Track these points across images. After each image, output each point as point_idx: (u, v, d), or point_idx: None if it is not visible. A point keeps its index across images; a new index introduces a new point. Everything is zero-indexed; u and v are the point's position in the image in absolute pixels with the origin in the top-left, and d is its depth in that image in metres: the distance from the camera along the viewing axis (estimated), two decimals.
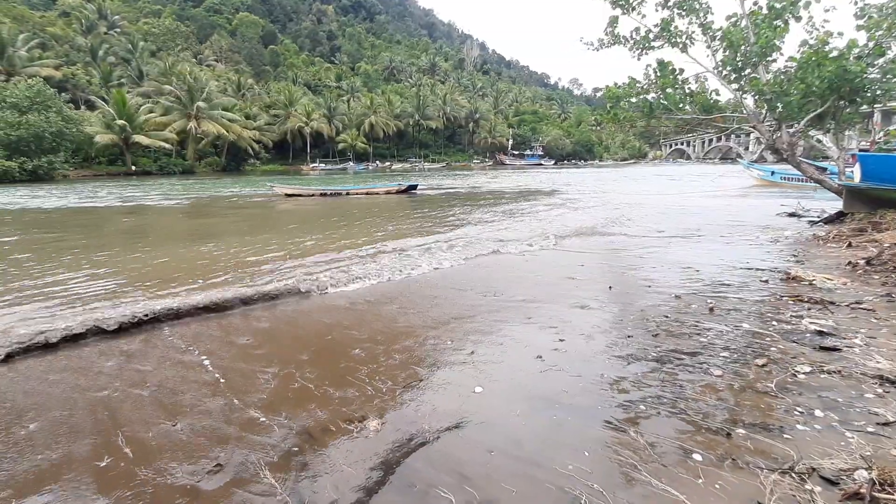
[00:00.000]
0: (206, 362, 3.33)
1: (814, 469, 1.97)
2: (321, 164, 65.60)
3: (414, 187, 20.50)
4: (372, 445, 2.33)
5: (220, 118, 53.43)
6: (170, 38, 77.63)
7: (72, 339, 3.64)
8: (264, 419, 2.58)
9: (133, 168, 46.14)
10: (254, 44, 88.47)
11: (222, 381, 3.05)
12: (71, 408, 2.74)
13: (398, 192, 20.10)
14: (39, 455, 2.31)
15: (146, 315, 4.01)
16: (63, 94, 43.99)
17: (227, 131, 53.23)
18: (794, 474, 1.95)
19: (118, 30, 70.35)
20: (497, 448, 2.27)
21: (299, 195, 19.13)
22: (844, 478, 1.90)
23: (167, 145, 48.44)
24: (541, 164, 77.76)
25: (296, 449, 2.31)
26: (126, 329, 3.89)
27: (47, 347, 3.54)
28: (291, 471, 2.14)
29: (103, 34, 65.76)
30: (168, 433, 2.48)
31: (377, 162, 71.23)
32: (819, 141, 10.00)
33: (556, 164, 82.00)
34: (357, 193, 20.06)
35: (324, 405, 2.72)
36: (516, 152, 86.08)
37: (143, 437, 2.44)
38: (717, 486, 1.92)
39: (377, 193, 20.10)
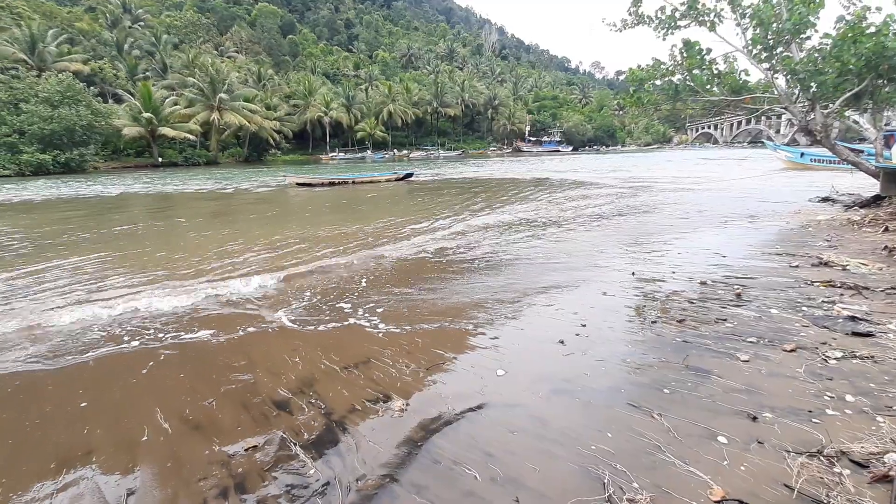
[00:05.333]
0: None
1: (843, 452, 1.94)
2: (340, 154, 66.08)
3: (410, 175, 22.22)
4: (399, 424, 2.40)
5: (241, 109, 54.00)
6: (191, 30, 78.59)
7: None
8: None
9: (160, 160, 47.25)
10: (273, 34, 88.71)
11: None
12: None
13: (397, 179, 21.61)
14: None
15: None
16: (91, 87, 44.99)
17: (249, 122, 53.82)
18: (822, 457, 1.93)
19: (142, 23, 71.55)
20: (520, 428, 2.31)
21: (310, 184, 19.45)
22: (874, 461, 1.88)
23: (191, 137, 49.35)
24: (558, 151, 76.67)
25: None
26: None
27: None
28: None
29: (128, 28, 66.93)
30: None
31: (394, 151, 71.22)
32: (856, 122, 9.58)
33: (574, 150, 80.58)
34: (362, 182, 20.77)
35: None
36: (534, 139, 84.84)
37: None
38: (742, 468, 1.92)
39: (379, 181, 21.19)
